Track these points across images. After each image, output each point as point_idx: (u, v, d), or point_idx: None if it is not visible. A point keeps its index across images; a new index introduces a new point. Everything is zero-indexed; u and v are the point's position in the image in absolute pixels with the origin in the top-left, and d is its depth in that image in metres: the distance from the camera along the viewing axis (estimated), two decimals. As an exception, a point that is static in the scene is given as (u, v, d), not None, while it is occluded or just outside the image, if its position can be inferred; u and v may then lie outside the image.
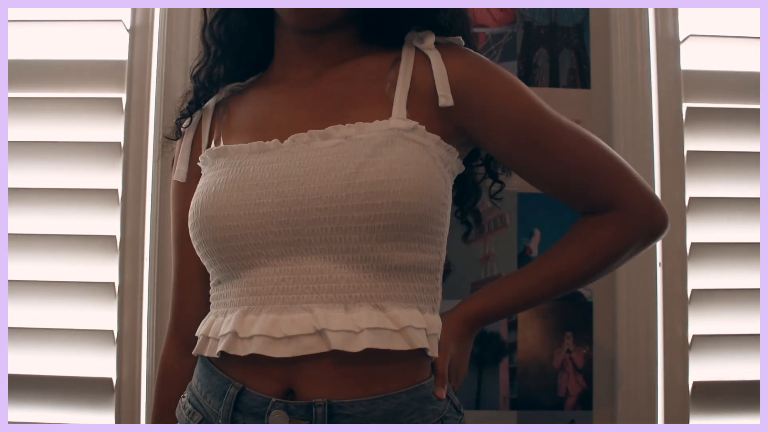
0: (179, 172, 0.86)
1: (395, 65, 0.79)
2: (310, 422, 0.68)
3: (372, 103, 0.76)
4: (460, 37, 0.82)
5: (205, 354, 0.74)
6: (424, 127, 0.74)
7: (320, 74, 0.81)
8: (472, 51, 0.81)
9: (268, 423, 0.68)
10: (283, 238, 0.70)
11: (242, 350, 0.69)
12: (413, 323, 0.70)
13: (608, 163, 0.79)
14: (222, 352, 0.71)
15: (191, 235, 0.77)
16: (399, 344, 0.68)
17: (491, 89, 0.77)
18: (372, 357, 0.68)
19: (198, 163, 0.84)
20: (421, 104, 0.76)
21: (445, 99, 0.75)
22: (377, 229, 0.68)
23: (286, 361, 0.68)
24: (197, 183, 0.82)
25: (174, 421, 0.82)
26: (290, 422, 0.68)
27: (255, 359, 0.69)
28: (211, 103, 0.88)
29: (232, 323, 0.71)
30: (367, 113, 0.74)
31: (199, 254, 0.78)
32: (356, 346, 0.67)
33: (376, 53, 0.82)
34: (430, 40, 0.79)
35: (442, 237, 0.76)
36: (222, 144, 0.82)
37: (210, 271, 0.79)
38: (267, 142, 0.75)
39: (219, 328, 0.73)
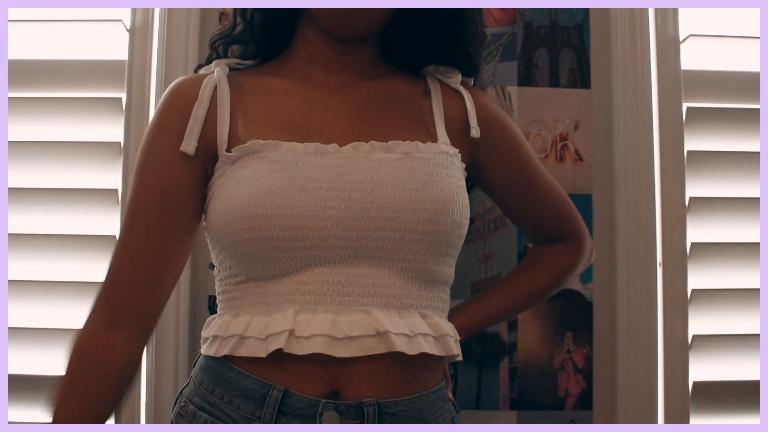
0: (188, 145, 0.76)
1: (427, 95, 0.86)
2: (361, 422, 0.70)
3: (415, 126, 0.82)
4: (472, 79, 0.92)
5: (242, 354, 0.71)
6: (460, 155, 0.83)
7: (353, 85, 0.83)
8: (484, 94, 0.93)
9: (320, 424, 0.69)
10: (345, 242, 0.72)
11: (300, 349, 0.69)
12: (449, 331, 0.77)
13: (567, 203, 0.95)
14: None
15: (229, 230, 0.72)
16: (438, 350, 0.74)
17: (504, 131, 0.90)
18: (416, 360, 0.72)
19: (228, 152, 0.76)
20: (454, 134, 0.84)
21: (476, 131, 0.85)
22: (434, 244, 0.74)
23: (334, 363, 0.69)
24: (200, 163, 0.77)
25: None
26: (341, 422, 0.70)
27: (300, 361, 0.69)
28: (221, 76, 0.81)
29: (287, 322, 0.69)
30: (413, 134, 0.80)
31: (228, 251, 0.74)
32: (414, 349, 0.71)
33: (401, 76, 0.88)
34: (458, 77, 0.88)
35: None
36: (250, 132, 0.77)
37: (237, 269, 0.74)
38: (326, 146, 0.75)
39: (264, 327, 0.71)
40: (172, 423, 0.78)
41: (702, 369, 1.18)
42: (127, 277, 0.76)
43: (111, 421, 1.13)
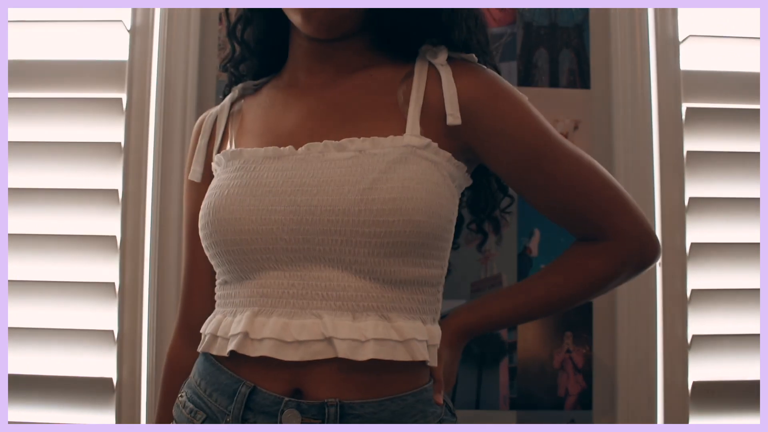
0: (194, 172, 0.87)
1: (408, 79, 0.79)
2: (323, 421, 0.69)
3: (385, 116, 0.77)
4: (473, 55, 0.82)
5: (214, 352, 0.75)
6: (436, 144, 0.75)
7: (332, 82, 0.82)
8: (485, 69, 0.82)
9: (281, 421, 0.69)
10: (293, 245, 0.71)
11: (252, 351, 0.70)
12: (417, 335, 0.72)
13: (607, 192, 0.81)
14: (232, 352, 0.72)
15: (201, 235, 0.78)
16: (401, 355, 0.70)
17: (499, 111, 0.78)
18: (377, 364, 0.69)
19: (212, 164, 0.84)
20: (433, 121, 0.76)
21: (453, 118, 0.76)
22: (386, 245, 0.70)
23: (294, 363, 0.70)
24: (206, 187, 0.82)
25: None
26: (302, 421, 0.69)
27: (264, 360, 0.70)
28: (226, 103, 0.89)
29: (243, 324, 0.71)
30: (381, 126, 0.75)
31: (207, 254, 0.79)
32: (361, 355, 0.68)
33: (388, 64, 0.82)
34: (443, 55, 0.79)
35: (446, 252, 0.77)
36: (234, 146, 0.83)
37: (217, 270, 0.79)
38: (282, 148, 0.76)
39: (228, 328, 0.74)
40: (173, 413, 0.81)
41: (701, 369, 1.18)
42: (189, 298, 0.89)
43: (112, 421, 1.14)
